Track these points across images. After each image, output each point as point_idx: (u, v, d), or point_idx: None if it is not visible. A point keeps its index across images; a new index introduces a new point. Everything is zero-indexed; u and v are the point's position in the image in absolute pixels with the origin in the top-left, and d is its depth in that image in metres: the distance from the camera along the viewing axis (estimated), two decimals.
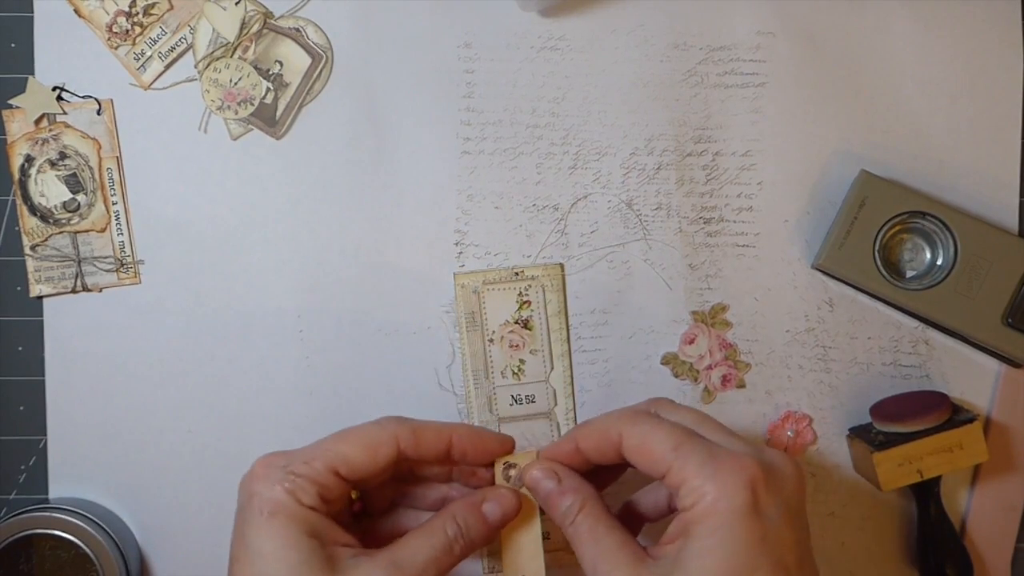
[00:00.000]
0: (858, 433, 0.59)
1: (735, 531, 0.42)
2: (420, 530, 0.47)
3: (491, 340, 0.58)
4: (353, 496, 0.50)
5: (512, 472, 0.50)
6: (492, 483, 0.50)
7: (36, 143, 0.57)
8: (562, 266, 0.59)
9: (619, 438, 0.47)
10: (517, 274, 0.59)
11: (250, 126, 0.58)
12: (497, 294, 0.59)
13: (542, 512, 0.49)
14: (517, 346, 0.59)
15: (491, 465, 0.50)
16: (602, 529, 0.45)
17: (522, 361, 0.58)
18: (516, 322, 0.59)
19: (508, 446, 0.50)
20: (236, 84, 0.58)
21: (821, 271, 0.59)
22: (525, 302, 0.59)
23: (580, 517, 0.46)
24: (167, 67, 0.58)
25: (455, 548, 0.46)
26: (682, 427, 0.46)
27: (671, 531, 0.44)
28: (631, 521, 0.51)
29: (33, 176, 0.57)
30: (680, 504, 0.44)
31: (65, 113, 0.57)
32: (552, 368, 0.59)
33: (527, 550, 0.49)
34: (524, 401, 0.58)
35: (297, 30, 0.58)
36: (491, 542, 0.49)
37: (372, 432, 0.47)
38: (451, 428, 0.49)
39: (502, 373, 0.59)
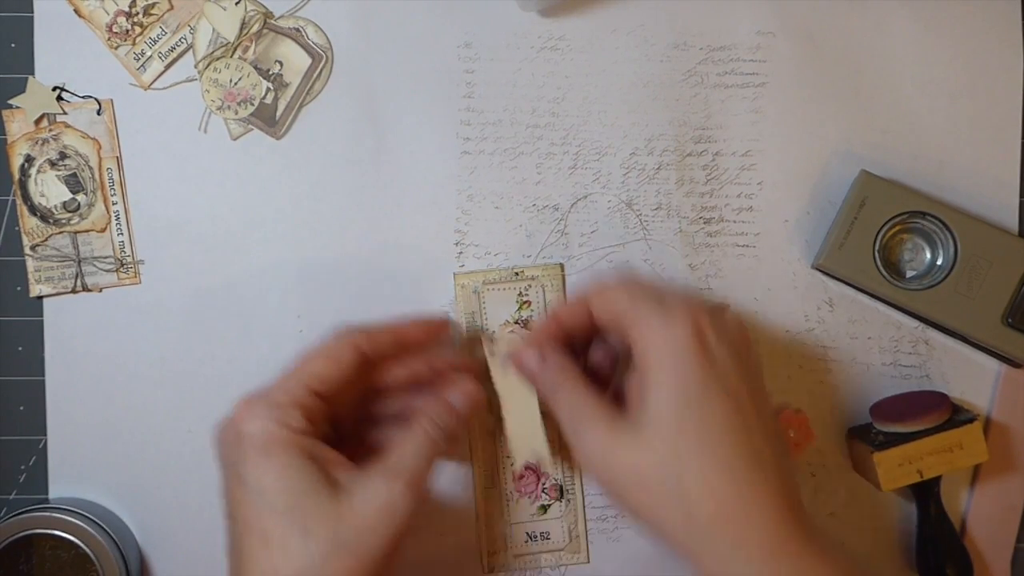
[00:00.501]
0: (858, 433, 0.59)
1: (684, 362, 0.47)
2: (402, 436, 0.50)
3: (491, 340, 0.58)
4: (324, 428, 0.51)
5: (495, 348, 0.55)
6: (451, 378, 0.54)
7: (36, 143, 0.57)
8: (562, 266, 0.59)
9: (588, 303, 0.52)
10: (517, 274, 0.59)
11: (250, 126, 0.58)
12: (497, 294, 0.59)
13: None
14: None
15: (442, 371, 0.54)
16: (580, 397, 0.50)
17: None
18: (516, 322, 0.59)
19: (446, 323, 0.57)
20: (236, 84, 0.58)
21: (821, 271, 0.59)
22: (525, 302, 0.59)
23: (562, 389, 0.51)
24: (167, 67, 0.58)
25: (437, 443, 0.50)
26: (638, 283, 0.51)
27: (631, 385, 0.49)
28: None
29: (33, 176, 0.57)
30: (635, 348, 0.48)
31: (65, 113, 0.57)
32: None
33: (529, 425, 0.55)
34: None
35: (297, 30, 0.58)
36: (467, 425, 0.55)
37: (331, 345, 0.50)
38: (398, 324, 0.54)
39: None
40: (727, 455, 0.46)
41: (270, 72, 0.58)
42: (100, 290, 0.58)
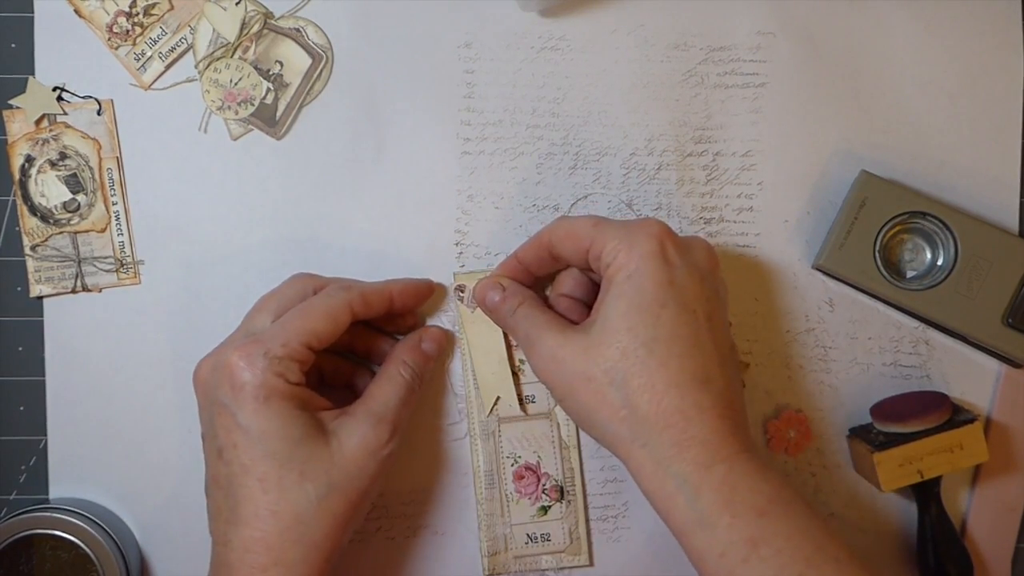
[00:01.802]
0: (858, 433, 0.59)
1: (644, 272, 0.49)
2: (380, 379, 0.53)
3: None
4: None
5: (463, 294, 0.57)
6: (419, 326, 0.58)
7: (36, 143, 0.57)
8: None
9: (548, 239, 0.53)
10: None
11: (250, 126, 0.58)
12: None
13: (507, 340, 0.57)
14: (517, 346, 0.59)
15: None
16: (536, 312, 0.53)
17: (522, 361, 0.58)
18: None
19: (435, 288, 0.58)
20: (236, 84, 0.58)
21: (821, 271, 0.59)
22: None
23: (520, 309, 0.53)
24: (167, 67, 0.58)
25: (414, 386, 0.54)
26: (601, 216, 0.53)
27: (595, 308, 0.51)
28: None
29: (33, 176, 0.57)
30: (602, 268, 0.50)
31: (65, 113, 0.57)
32: None
33: (495, 369, 0.57)
34: (524, 401, 0.58)
35: (297, 30, 0.58)
36: (432, 367, 0.57)
37: (330, 303, 0.52)
38: (389, 285, 0.55)
39: None
40: (675, 365, 0.48)
41: (270, 72, 0.58)
42: (100, 290, 0.58)
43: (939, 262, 0.57)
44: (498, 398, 0.58)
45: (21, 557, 0.55)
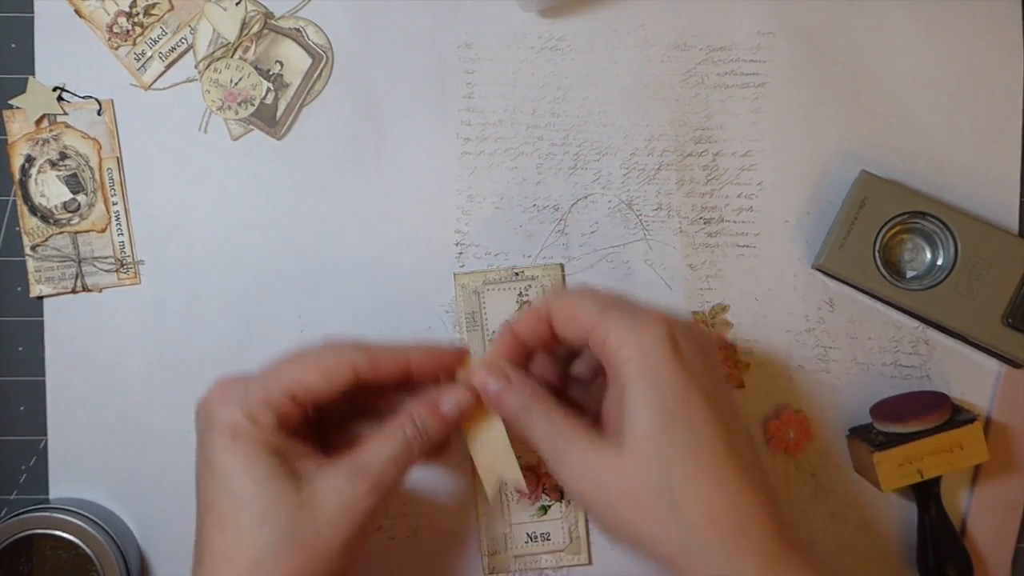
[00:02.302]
0: (858, 433, 0.59)
1: (661, 370, 0.45)
2: (378, 433, 0.48)
3: (491, 340, 0.58)
4: (309, 413, 0.50)
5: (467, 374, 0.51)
6: (447, 383, 0.50)
7: (36, 143, 0.57)
8: (562, 266, 0.59)
9: (548, 313, 0.49)
10: (517, 274, 0.59)
11: (250, 126, 0.58)
12: (497, 294, 0.59)
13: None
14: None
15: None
16: (556, 417, 0.47)
17: None
18: None
19: (464, 356, 0.51)
20: (236, 84, 0.58)
21: (821, 271, 0.59)
22: (525, 302, 0.59)
23: (535, 409, 0.48)
24: (167, 67, 0.58)
25: (414, 447, 0.48)
26: (604, 294, 0.49)
27: (610, 400, 0.47)
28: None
29: (33, 176, 0.57)
30: (608, 360, 0.47)
31: (65, 113, 0.57)
32: None
33: (497, 453, 0.51)
34: None
35: (297, 30, 0.58)
36: (448, 437, 0.50)
37: (329, 358, 0.48)
38: (408, 350, 0.50)
39: None
40: (715, 461, 0.45)
41: (270, 72, 0.58)
42: (100, 290, 0.58)
43: (939, 262, 0.57)
44: (503, 482, 0.52)
45: (21, 557, 0.55)
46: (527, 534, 0.58)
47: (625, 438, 0.45)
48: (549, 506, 0.59)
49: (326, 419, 0.52)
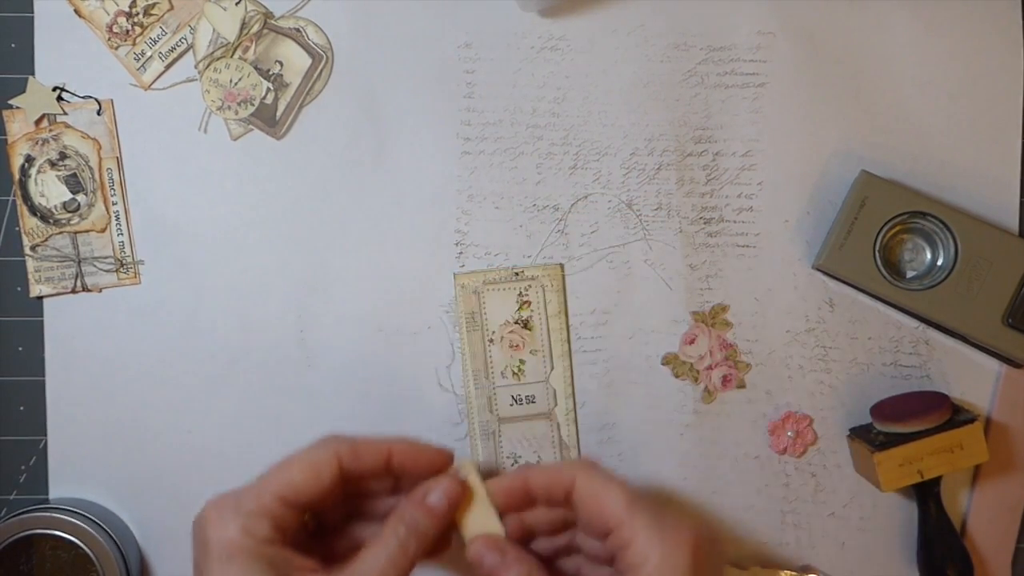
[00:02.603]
0: (858, 433, 0.59)
1: None
2: (372, 541, 0.48)
3: (491, 340, 0.58)
4: (306, 518, 0.50)
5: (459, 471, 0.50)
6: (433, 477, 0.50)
7: (36, 143, 0.57)
8: (562, 266, 0.59)
9: (572, 482, 0.49)
10: (517, 274, 0.59)
11: (250, 126, 0.58)
12: (497, 294, 0.59)
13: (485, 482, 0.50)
14: (517, 346, 0.59)
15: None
16: None
17: (522, 361, 0.58)
18: (516, 322, 0.59)
19: (446, 458, 0.51)
20: (236, 84, 0.58)
21: (821, 271, 0.59)
22: (525, 302, 0.59)
23: None
24: (167, 67, 0.58)
25: (409, 548, 0.47)
26: (632, 490, 0.48)
27: None
28: None
29: (33, 176, 0.57)
30: (626, 562, 0.46)
31: (65, 113, 0.57)
32: (552, 368, 0.59)
33: (483, 520, 0.50)
34: (524, 401, 0.58)
35: (297, 30, 0.58)
36: (446, 531, 0.49)
37: (312, 454, 0.48)
38: (390, 442, 0.50)
39: (502, 373, 0.59)
40: None
41: (270, 72, 0.58)
42: (100, 290, 0.58)
43: (939, 262, 0.57)
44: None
45: (21, 557, 0.55)
46: None
47: None
48: None
49: (326, 525, 0.51)
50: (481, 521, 0.50)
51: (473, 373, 0.58)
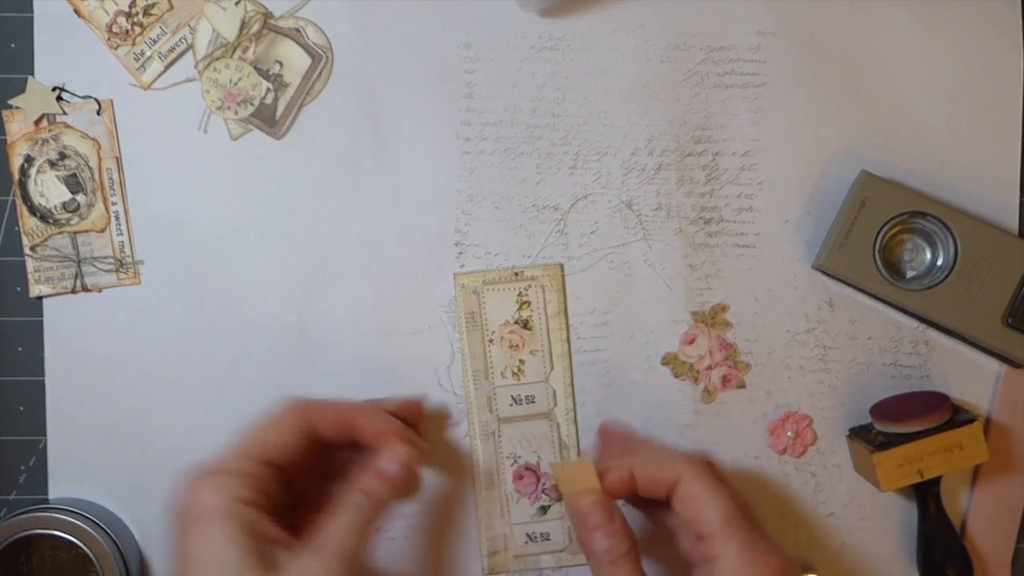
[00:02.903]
0: (858, 433, 0.59)
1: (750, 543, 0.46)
2: (337, 506, 0.48)
3: (491, 340, 0.58)
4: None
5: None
6: (385, 442, 0.51)
7: (36, 143, 0.57)
8: (562, 266, 0.59)
9: (677, 480, 0.49)
10: (517, 274, 0.59)
11: (250, 126, 0.58)
12: (497, 294, 0.59)
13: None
14: (517, 346, 0.59)
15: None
16: None
17: (522, 361, 0.58)
18: (516, 322, 0.59)
19: (416, 410, 0.54)
20: (236, 84, 0.58)
21: (821, 271, 0.59)
22: (525, 302, 0.59)
23: (621, 561, 0.48)
24: (167, 67, 0.58)
25: (366, 512, 0.48)
26: (735, 500, 0.49)
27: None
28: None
29: (33, 176, 0.57)
30: (708, 571, 0.47)
31: (65, 113, 0.57)
32: (552, 368, 0.59)
33: (585, 480, 0.51)
34: (524, 401, 0.58)
35: (297, 30, 0.58)
36: (407, 489, 0.50)
37: (281, 412, 0.50)
38: (348, 406, 0.52)
39: (502, 373, 0.59)
40: None
41: (270, 72, 0.58)
42: (100, 290, 0.58)
43: (939, 262, 0.57)
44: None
45: (21, 557, 0.55)
46: (527, 534, 0.58)
47: None
48: (549, 506, 0.59)
49: (299, 494, 0.51)
50: (584, 480, 0.50)
51: (473, 373, 0.58)
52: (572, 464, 0.55)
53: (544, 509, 0.59)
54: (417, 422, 0.56)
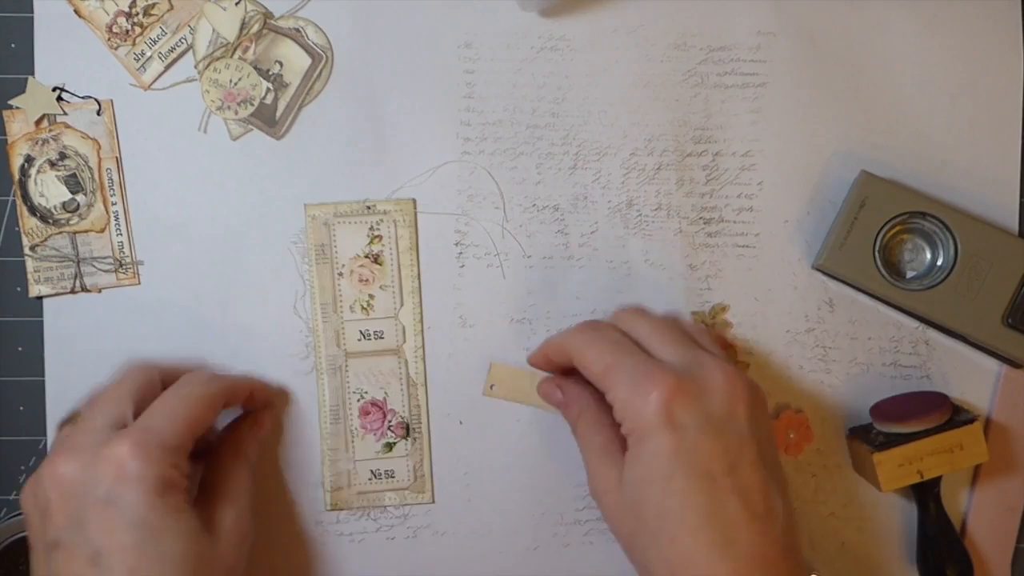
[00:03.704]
0: (858, 433, 0.59)
1: (649, 445, 0.47)
2: (234, 464, 0.54)
3: (340, 274, 0.58)
4: None
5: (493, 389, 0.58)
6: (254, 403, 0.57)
7: (36, 143, 0.57)
8: (415, 201, 0.58)
9: (569, 348, 0.53)
10: (369, 208, 0.58)
11: (250, 126, 0.58)
12: (348, 227, 0.58)
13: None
14: (367, 281, 0.58)
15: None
16: (591, 433, 0.52)
17: (371, 296, 0.58)
18: (367, 256, 0.58)
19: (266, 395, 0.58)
20: (236, 84, 0.58)
21: (821, 271, 0.59)
22: (376, 236, 0.58)
23: (580, 422, 0.53)
24: (167, 67, 0.58)
25: (254, 465, 0.55)
26: (617, 343, 0.52)
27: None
28: None
29: (33, 176, 0.57)
30: (616, 414, 0.50)
31: (65, 113, 0.57)
32: (402, 304, 0.58)
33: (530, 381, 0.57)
34: (372, 337, 0.58)
35: (297, 30, 0.58)
36: (269, 404, 0.57)
37: (207, 390, 0.52)
38: (251, 381, 0.57)
39: (351, 307, 0.58)
40: (687, 539, 0.46)
41: (270, 72, 0.58)
42: (99, 290, 0.58)
43: (939, 262, 0.57)
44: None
45: (21, 557, 0.55)
46: (371, 471, 0.58)
47: (623, 487, 0.49)
48: (395, 443, 0.58)
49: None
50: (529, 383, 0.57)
51: (321, 306, 0.58)
52: (512, 373, 0.58)
53: (389, 446, 0.58)
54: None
